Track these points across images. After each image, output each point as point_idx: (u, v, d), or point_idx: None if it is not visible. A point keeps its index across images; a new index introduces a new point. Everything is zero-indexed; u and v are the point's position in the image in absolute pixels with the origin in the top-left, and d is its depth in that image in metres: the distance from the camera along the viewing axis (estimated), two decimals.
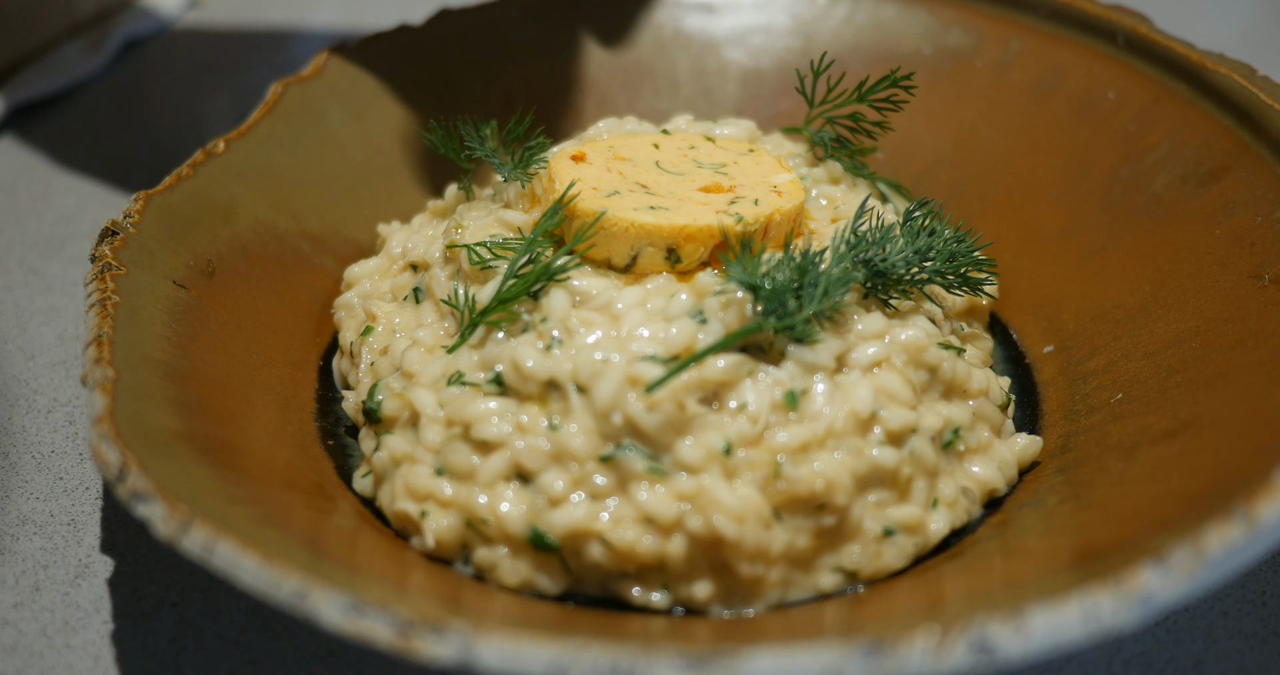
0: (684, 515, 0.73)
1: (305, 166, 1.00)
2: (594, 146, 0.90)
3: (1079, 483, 0.80)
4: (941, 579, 0.74)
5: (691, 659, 0.59)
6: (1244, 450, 0.72)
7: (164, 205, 0.90)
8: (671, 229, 0.82)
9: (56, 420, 0.93)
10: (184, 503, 0.67)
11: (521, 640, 0.60)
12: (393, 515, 0.80)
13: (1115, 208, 0.96)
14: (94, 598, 0.80)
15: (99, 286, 0.81)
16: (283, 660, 0.77)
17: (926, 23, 1.11)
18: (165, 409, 0.76)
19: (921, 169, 1.07)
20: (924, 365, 0.82)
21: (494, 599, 0.73)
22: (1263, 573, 0.82)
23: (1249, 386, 0.78)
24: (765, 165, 0.90)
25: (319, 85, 1.04)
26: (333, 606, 0.61)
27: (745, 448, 0.75)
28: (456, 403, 0.79)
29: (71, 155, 1.24)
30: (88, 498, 0.87)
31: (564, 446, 0.75)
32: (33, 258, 1.10)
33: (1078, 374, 0.90)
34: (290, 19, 1.52)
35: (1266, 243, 0.86)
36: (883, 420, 0.78)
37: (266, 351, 0.89)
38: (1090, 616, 0.60)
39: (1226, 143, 0.92)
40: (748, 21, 1.14)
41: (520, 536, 0.75)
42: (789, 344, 0.78)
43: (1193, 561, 0.62)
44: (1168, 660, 0.77)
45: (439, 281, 0.86)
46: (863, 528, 0.77)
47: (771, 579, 0.75)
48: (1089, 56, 1.03)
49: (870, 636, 0.59)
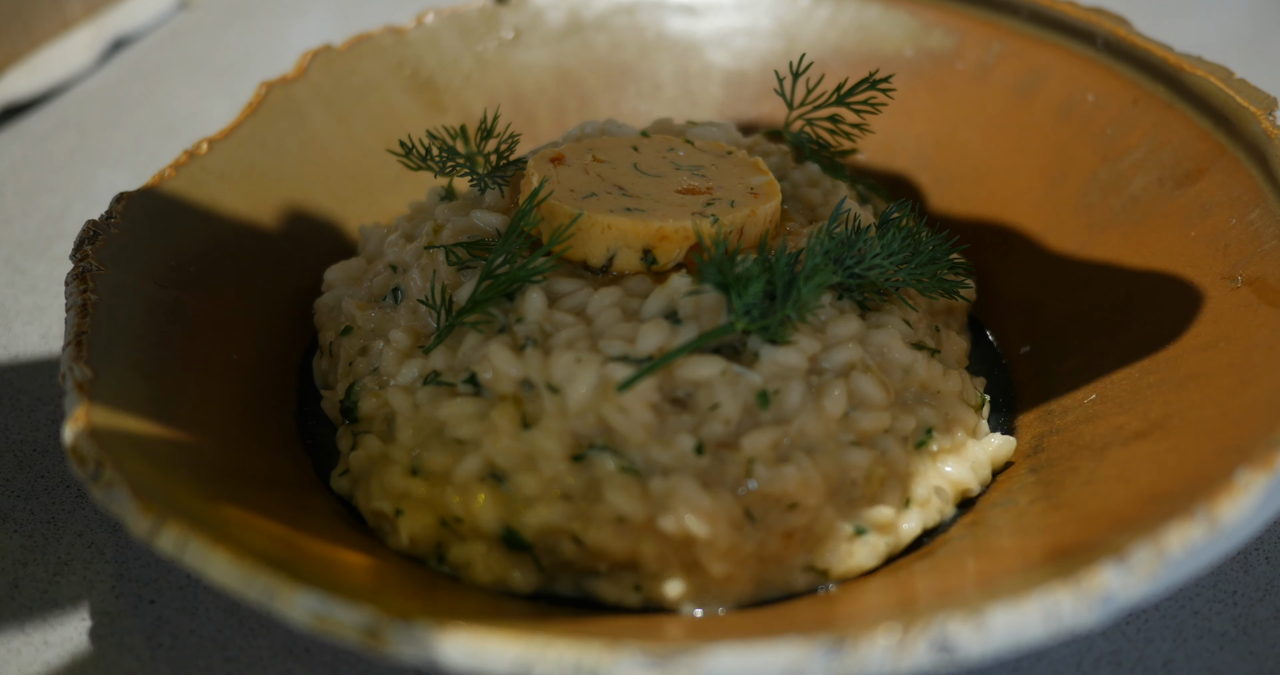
0: (655, 515, 0.74)
1: (288, 167, 1.01)
2: (573, 149, 0.91)
3: (1051, 483, 0.80)
4: (912, 578, 0.75)
5: (654, 657, 0.59)
6: (1211, 451, 0.72)
7: (145, 205, 0.90)
8: (647, 230, 0.83)
9: (39, 419, 0.94)
10: (158, 501, 0.68)
11: (486, 638, 0.60)
12: (368, 513, 0.80)
13: (1093, 209, 0.97)
14: (72, 595, 0.81)
15: (79, 287, 0.81)
16: (259, 657, 0.77)
17: (909, 25, 1.11)
18: (143, 408, 0.77)
19: (902, 170, 1.08)
20: (897, 367, 0.82)
21: (466, 597, 0.74)
22: (1233, 572, 0.82)
23: (1220, 388, 0.78)
24: (743, 167, 0.91)
25: (303, 87, 1.05)
26: (300, 605, 0.62)
27: (717, 449, 0.76)
28: (432, 403, 0.79)
29: (59, 155, 1.25)
30: (68, 496, 0.88)
31: (537, 446, 0.76)
32: (18, 257, 1.11)
33: (1053, 374, 0.91)
34: (279, 20, 1.53)
35: (1240, 244, 0.86)
36: (855, 421, 0.79)
37: (246, 351, 0.89)
38: (1051, 615, 0.61)
39: (1203, 145, 0.93)
40: (731, 24, 1.15)
41: (493, 535, 0.76)
42: (762, 345, 0.78)
43: (1154, 561, 0.62)
44: (1137, 659, 0.77)
45: (417, 282, 0.87)
46: (834, 527, 0.77)
47: (743, 578, 0.75)
48: (1069, 59, 1.04)
49: (832, 635, 0.60)
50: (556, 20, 1.14)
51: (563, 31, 1.14)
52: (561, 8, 1.14)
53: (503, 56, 1.13)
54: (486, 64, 1.12)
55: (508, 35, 1.13)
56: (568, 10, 1.14)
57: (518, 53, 1.13)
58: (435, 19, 1.12)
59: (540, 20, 1.14)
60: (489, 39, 1.13)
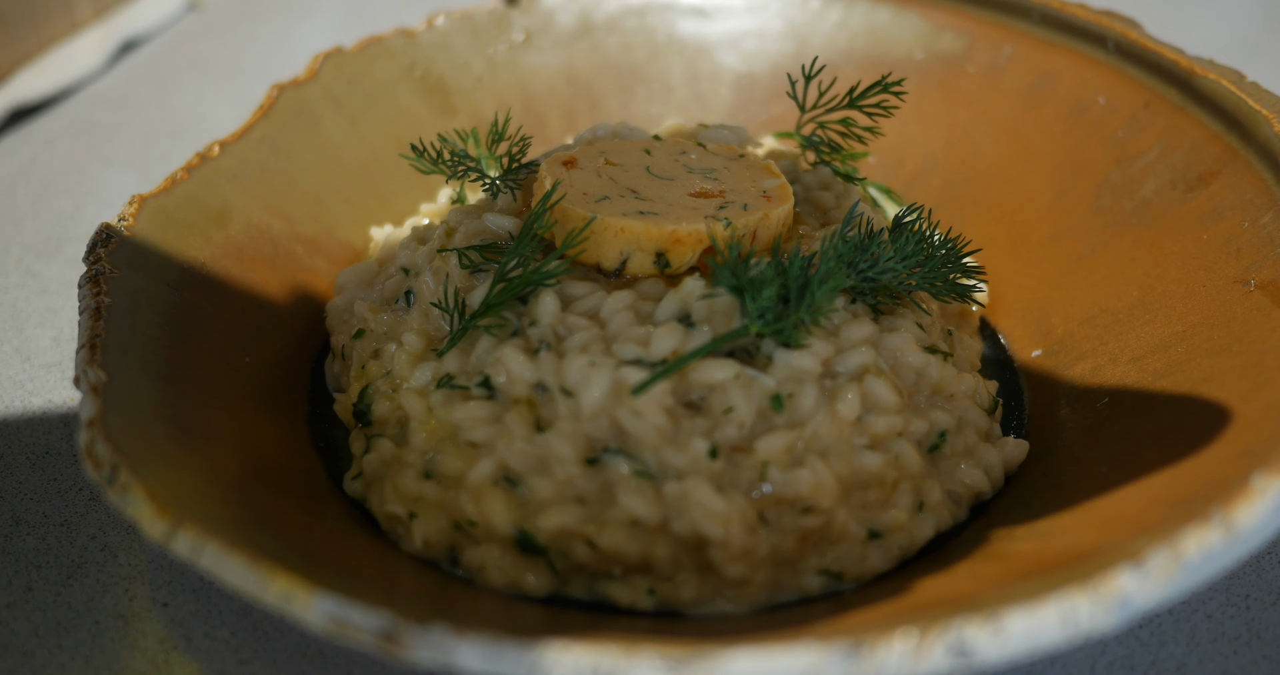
0: (669, 518, 0.74)
1: (299, 170, 1.01)
2: (585, 152, 0.91)
3: (1064, 486, 0.80)
4: (925, 582, 0.75)
5: (671, 660, 0.59)
6: (1226, 455, 0.72)
7: (158, 208, 0.90)
8: (660, 233, 0.83)
9: (52, 421, 0.94)
10: (173, 505, 0.68)
11: (503, 642, 0.60)
12: (382, 517, 0.80)
13: (1105, 212, 0.97)
14: (86, 598, 0.81)
15: (92, 289, 0.81)
16: (273, 661, 0.77)
17: (919, 28, 1.11)
18: (157, 411, 0.77)
19: (913, 173, 1.08)
20: (911, 370, 0.82)
21: (480, 601, 0.74)
22: (1246, 576, 0.82)
23: (1233, 391, 0.78)
24: (756, 170, 0.91)
25: (314, 89, 1.05)
26: (317, 609, 0.62)
27: (731, 452, 0.76)
28: (445, 406, 0.79)
29: (69, 157, 1.25)
30: (81, 499, 0.88)
31: (551, 450, 0.76)
32: (30, 259, 1.11)
33: (1065, 378, 0.91)
34: (289, 22, 1.53)
35: (1253, 248, 0.86)
36: (869, 425, 0.79)
37: (259, 354, 0.89)
38: (1068, 620, 0.61)
39: (1215, 148, 0.93)
40: (741, 26, 1.15)
41: (507, 538, 0.76)
42: (776, 349, 0.78)
43: (1170, 565, 0.62)
44: (1151, 663, 0.77)
45: (429, 285, 0.87)
46: (848, 531, 0.77)
47: (757, 581, 0.75)
48: (1080, 62, 1.04)
49: (849, 638, 0.60)
50: (567, 22, 1.14)
51: (573, 34, 1.14)
52: (572, 10, 1.15)
53: (513, 59, 1.13)
54: (497, 66, 1.12)
55: (518, 37, 1.13)
56: (578, 12, 1.15)
57: (528, 55, 1.13)
58: (446, 21, 1.12)
59: (551, 22, 1.14)
60: (500, 41, 1.13)
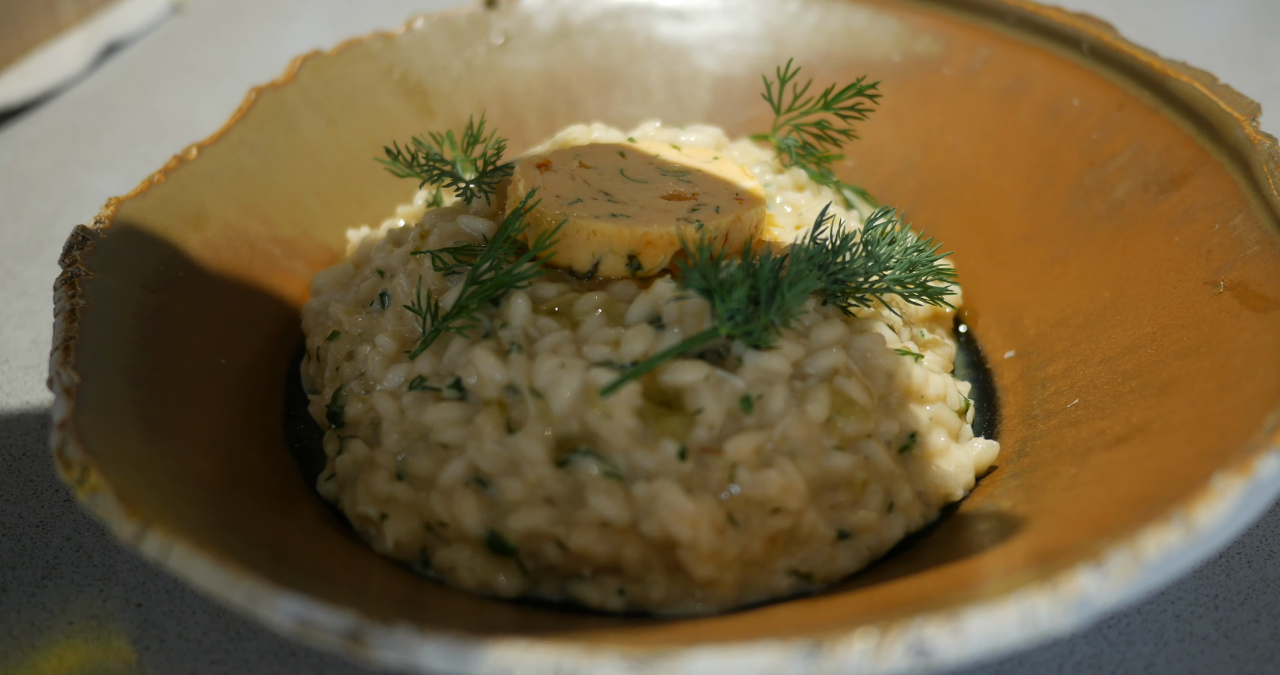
0: (638, 519, 0.74)
1: (277, 172, 1.01)
2: (560, 155, 0.91)
3: (1032, 487, 0.81)
4: (892, 582, 0.75)
5: (633, 660, 0.60)
6: (1191, 456, 0.73)
7: (135, 211, 0.91)
8: (632, 235, 0.83)
9: (28, 423, 0.94)
10: (143, 506, 0.68)
11: (466, 642, 0.60)
12: (354, 518, 0.81)
13: (1078, 214, 0.97)
14: (60, 599, 0.81)
15: (67, 291, 0.82)
16: (245, 661, 0.77)
17: (896, 30, 1.12)
18: (131, 413, 0.77)
19: (889, 175, 1.08)
20: (881, 372, 0.83)
21: (450, 601, 0.74)
22: (1214, 575, 0.83)
23: (1200, 392, 0.79)
24: (729, 173, 0.91)
25: (292, 91, 1.05)
26: (282, 609, 0.62)
27: (700, 453, 0.76)
28: (417, 407, 0.80)
29: (51, 159, 1.25)
30: (56, 500, 0.88)
31: (521, 451, 0.76)
32: (9, 261, 1.11)
33: (1037, 379, 0.91)
34: (271, 25, 1.53)
35: (1223, 249, 0.86)
36: (838, 426, 0.79)
37: (235, 355, 0.90)
38: (1028, 619, 0.61)
39: (1187, 150, 0.93)
40: (719, 28, 1.15)
41: (478, 539, 0.76)
42: (746, 350, 0.78)
43: (1130, 566, 0.63)
44: (1119, 662, 0.78)
45: (404, 288, 0.87)
46: (817, 531, 0.78)
47: (726, 581, 0.76)
48: (1055, 64, 1.04)
49: (810, 638, 0.60)
50: (545, 25, 1.15)
51: (552, 36, 1.14)
52: (550, 13, 1.15)
53: (492, 61, 1.13)
54: (476, 69, 1.13)
55: (497, 40, 1.14)
56: (557, 15, 1.15)
57: (507, 57, 1.13)
58: (425, 24, 1.13)
59: (529, 25, 1.15)
60: (478, 44, 1.13)
